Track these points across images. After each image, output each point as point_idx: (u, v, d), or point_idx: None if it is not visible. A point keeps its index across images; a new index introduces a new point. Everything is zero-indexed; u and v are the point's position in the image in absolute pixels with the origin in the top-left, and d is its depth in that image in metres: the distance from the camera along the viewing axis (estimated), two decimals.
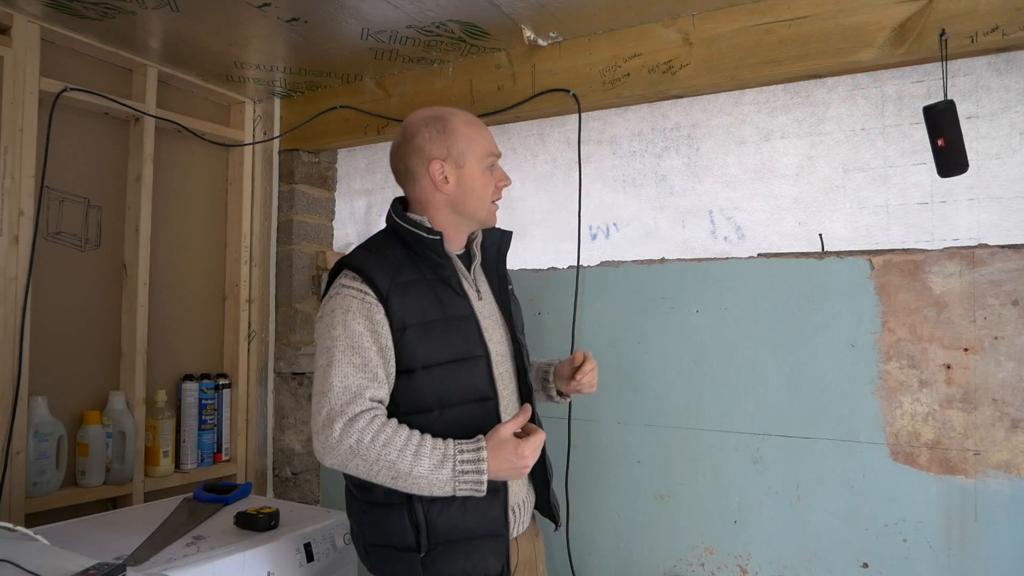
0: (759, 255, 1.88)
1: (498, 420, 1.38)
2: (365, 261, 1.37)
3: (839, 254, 1.76)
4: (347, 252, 2.70)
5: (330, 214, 2.75)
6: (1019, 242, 1.60)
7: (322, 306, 1.39)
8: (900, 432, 1.67)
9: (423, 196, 1.43)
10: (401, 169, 1.46)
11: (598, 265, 2.09)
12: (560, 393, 1.63)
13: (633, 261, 2.03)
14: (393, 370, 1.33)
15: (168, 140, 2.36)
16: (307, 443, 2.61)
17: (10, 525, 1.45)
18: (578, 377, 1.52)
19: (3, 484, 1.83)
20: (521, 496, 1.46)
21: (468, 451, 1.27)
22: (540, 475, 1.51)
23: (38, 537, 1.40)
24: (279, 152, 2.65)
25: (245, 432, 2.56)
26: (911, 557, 1.65)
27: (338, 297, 1.35)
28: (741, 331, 1.85)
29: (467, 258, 1.48)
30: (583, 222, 2.16)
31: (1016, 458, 1.56)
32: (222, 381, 2.49)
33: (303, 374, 2.61)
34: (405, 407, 1.35)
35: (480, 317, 1.42)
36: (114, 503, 2.15)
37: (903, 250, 1.70)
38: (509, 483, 1.38)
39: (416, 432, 1.30)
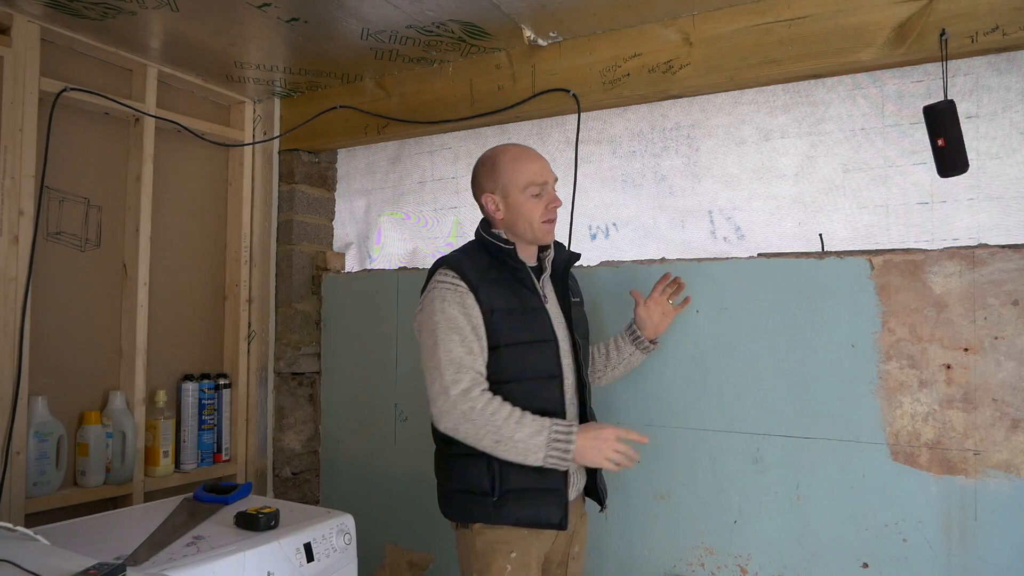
0: (759, 255, 1.87)
1: (562, 395, 1.60)
2: (460, 260, 1.61)
3: (839, 254, 1.75)
4: (348, 252, 2.72)
5: (330, 214, 2.75)
6: (1019, 242, 1.60)
7: (422, 299, 1.62)
8: (900, 432, 1.67)
9: (490, 219, 1.67)
10: (476, 198, 1.71)
11: (598, 265, 2.08)
12: (652, 341, 1.84)
13: (633, 261, 2.03)
14: (486, 345, 1.56)
15: (168, 140, 2.36)
16: (307, 443, 2.61)
17: (10, 525, 1.45)
18: (663, 295, 1.81)
19: (3, 484, 1.83)
20: (574, 467, 1.62)
21: (563, 427, 1.50)
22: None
23: (38, 537, 1.40)
24: (279, 152, 2.65)
25: (245, 432, 2.56)
26: (911, 557, 1.65)
27: (435, 290, 1.58)
28: (741, 331, 1.85)
29: (539, 270, 1.71)
30: (583, 222, 2.16)
31: (1016, 458, 1.56)
32: (222, 381, 2.49)
33: (303, 374, 2.61)
34: (490, 378, 1.57)
35: (549, 312, 1.65)
36: (114, 503, 2.15)
37: (903, 250, 1.70)
38: None
39: (517, 408, 1.52)
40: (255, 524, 1.72)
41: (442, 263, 1.63)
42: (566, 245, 2.11)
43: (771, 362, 1.81)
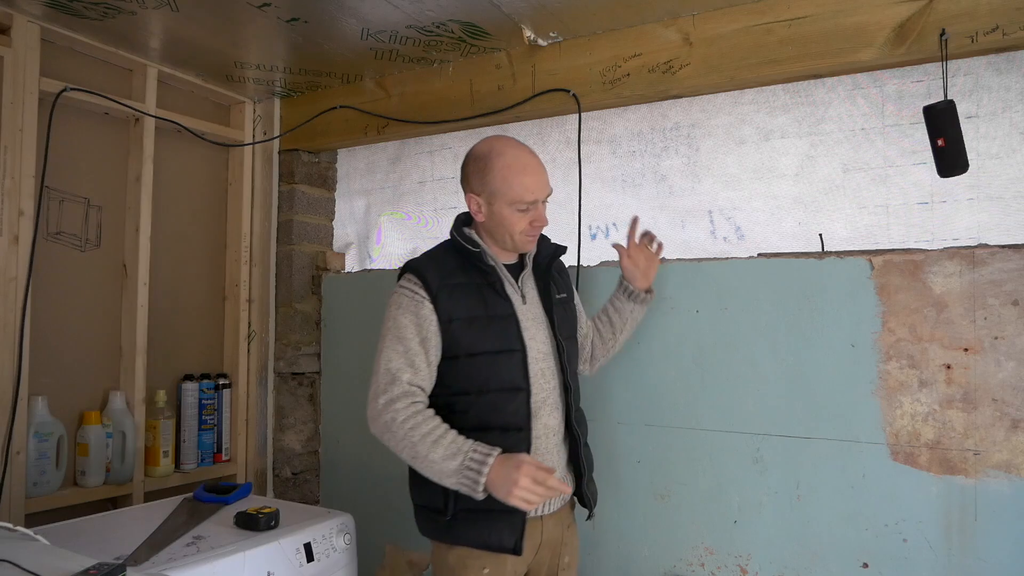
0: (759, 255, 1.87)
1: (528, 410, 1.53)
2: (422, 265, 1.57)
3: (839, 254, 1.75)
4: (348, 252, 2.72)
5: (330, 214, 2.75)
6: (1019, 242, 1.60)
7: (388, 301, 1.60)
8: (900, 432, 1.67)
9: (472, 214, 1.61)
10: (462, 187, 1.65)
11: (598, 265, 2.08)
12: (647, 291, 1.81)
13: None
14: (435, 359, 1.52)
15: (168, 140, 2.36)
16: (307, 443, 2.61)
17: (10, 525, 1.45)
18: (641, 243, 1.78)
19: (3, 484, 1.83)
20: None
21: (479, 454, 1.41)
22: (575, 466, 1.63)
23: (38, 537, 1.40)
24: (279, 152, 2.65)
25: (245, 432, 2.56)
26: (911, 557, 1.65)
27: (395, 295, 1.56)
28: (741, 331, 1.85)
29: (519, 267, 1.65)
30: (583, 222, 2.16)
31: (1016, 458, 1.56)
32: (222, 381, 2.49)
33: (303, 374, 2.61)
34: (451, 388, 1.53)
35: (522, 318, 1.57)
36: (114, 503, 2.15)
37: (903, 250, 1.69)
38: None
39: (444, 426, 1.46)
40: (255, 524, 1.72)
41: (406, 267, 1.59)
42: (574, 246, 2.11)
43: (771, 362, 1.81)
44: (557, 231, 2.19)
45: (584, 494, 1.65)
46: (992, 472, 1.58)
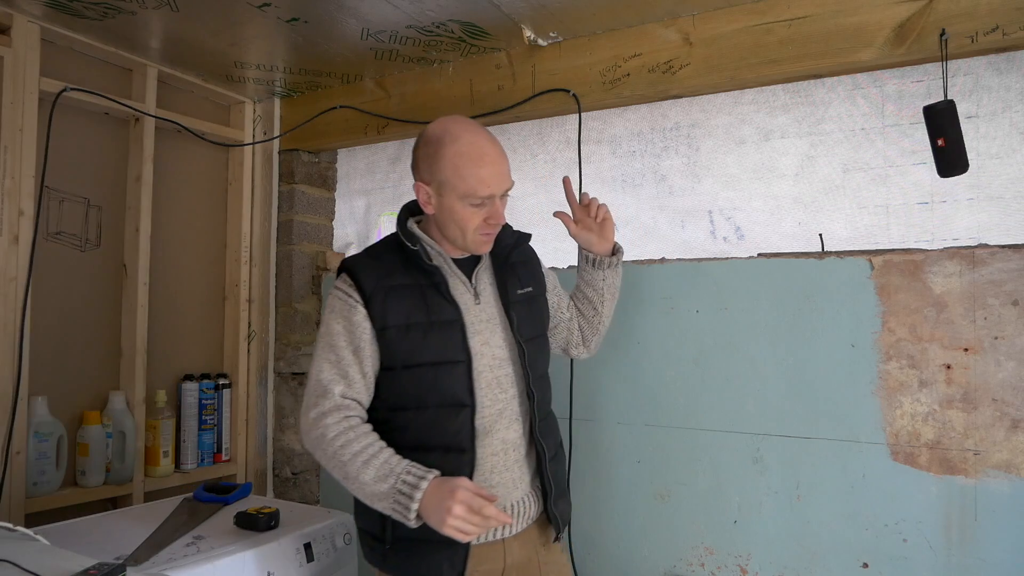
0: (759, 255, 1.87)
1: (471, 429, 1.37)
2: (357, 264, 1.43)
3: (839, 254, 1.75)
4: (348, 252, 2.72)
5: (330, 214, 2.75)
6: (1019, 242, 1.60)
7: None
8: (900, 432, 1.67)
9: (421, 205, 1.45)
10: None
11: None
12: (613, 252, 1.64)
13: (633, 261, 2.03)
14: (370, 369, 1.38)
15: (168, 140, 2.36)
16: None
17: (10, 525, 1.45)
18: (590, 215, 1.59)
19: (3, 484, 1.83)
20: (514, 498, 1.44)
21: (413, 476, 1.27)
22: (539, 487, 1.49)
23: (38, 537, 1.40)
24: (279, 152, 2.65)
25: (245, 432, 2.56)
26: (911, 557, 1.65)
27: (330, 297, 1.43)
28: (741, 331, 1.85)
29: (474, 261, 1.49)
30: None
31: (1016, 458, 1.56)
32: (222, 381, 2.49)
33: (303, 374, 2.61)
34: (388, 403, 1.41)
35: (472, 322, 1.41)
36: (114, 503, 2.15)
37: (903, 250, 1.70)
38: (502, 484, 1.41)
39: (377, 444, 1.33)
40: (255, 524, 1.72)
41: (342, 265, 1.44)
42: (574, 246, 2.03)
43: (771, 362, 1.81)
44: (557, 231, 2.19)
45: (551, 514, 1.46)
46: (992, 472, 1.58)
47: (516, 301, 1.47)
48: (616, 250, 1.64)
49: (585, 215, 1.62)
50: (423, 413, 1.37)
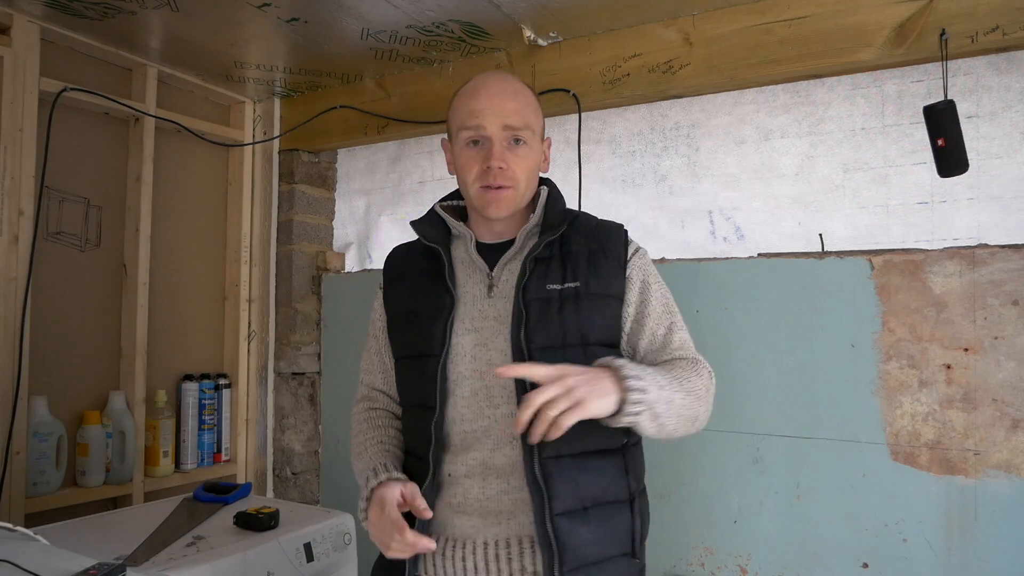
0: (759, 255, 1.87)
1: (432, 438, 1.15)
2: (395, 247, 1.41)
3: (839, 254, 1.75)
4: (348, 252, 2.72)
5: (330, 214, 2.75)
6: (1019, 242, 1.60)
7: None
8: (900, 432, 1.67)
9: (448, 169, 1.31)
10: None
11: None
12: (617, 411, 1.06)
13: None
14: (388, 359, 1.35)
15: (168, 140, 2.36)
16: (307, 443, 2.61)
17: (10, 525, 1.46)
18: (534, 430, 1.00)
19: (3, 484, 1.83)
20: (489, 536, 1.16)
21: (375, 479, 1.15)
22: (542, 543, 1.12)
23: (38, 537, 1.40)
24: (279, 152, 2.65)
25: (245, 432, 2.56)
26: (911, 557, 1.65)
27: None
28: (741, 331, 1.85)
29: (504, 246, 1.25)
30: None
31: (1016, 458, 1.56)
32: (222, 381, 2.49)
33: (303, 374, 2.61)
34: (398, 398, 1.33)
35: (467, 316, 1.20)
36: (114, 503, 2.15)
37: (903, 250, 1.70)
38: (479, 513, 1.16)
39: (376, 438, 1.26)
40: (255, 524, 1.72)
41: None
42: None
43: (771, 362, 1.81)
44: None
45: (548, 535, 1.09)
46: (992, 472, 1.58)
47: (538, 298, 1.17)
48: (622, 406, 1.04)
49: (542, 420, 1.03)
50: (405, 413, 1.29)
